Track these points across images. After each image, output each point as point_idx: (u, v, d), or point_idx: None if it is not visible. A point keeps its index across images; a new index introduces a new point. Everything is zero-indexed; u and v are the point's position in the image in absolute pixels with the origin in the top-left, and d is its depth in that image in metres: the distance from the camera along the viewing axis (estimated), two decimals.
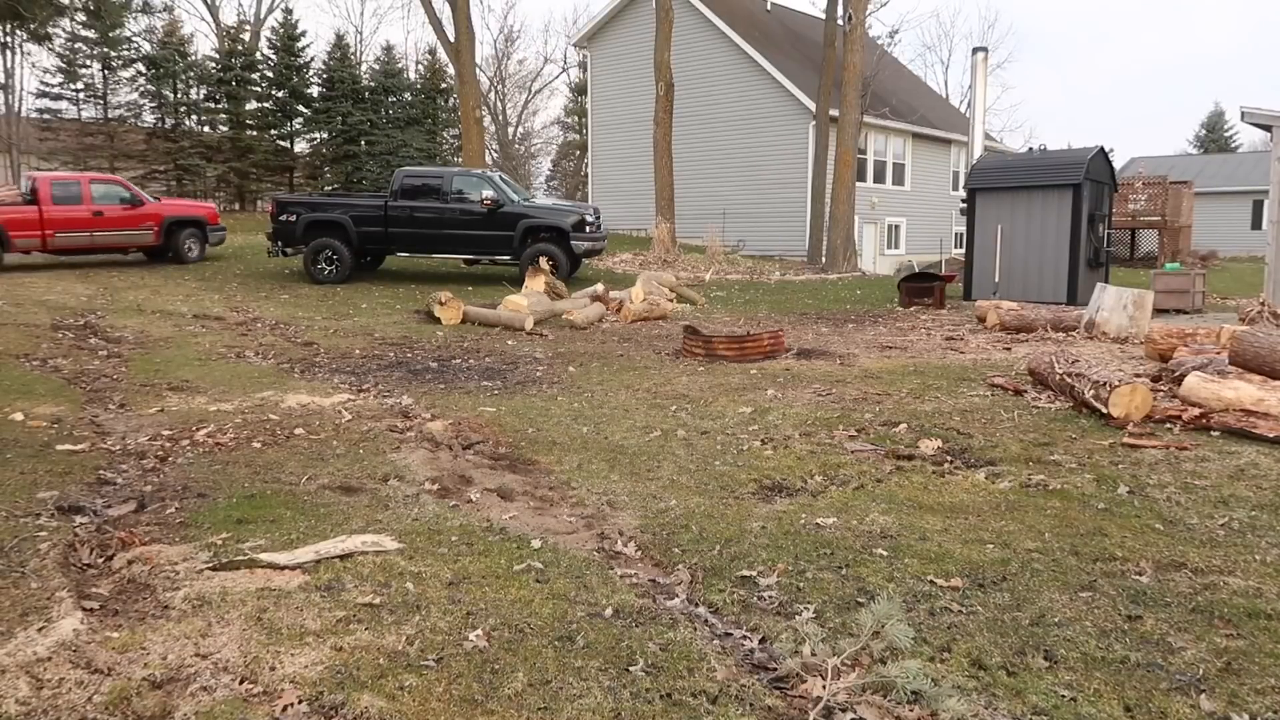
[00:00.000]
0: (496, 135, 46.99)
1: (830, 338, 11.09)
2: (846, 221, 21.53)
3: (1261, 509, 4.47)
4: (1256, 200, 32.97)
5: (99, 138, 29.56)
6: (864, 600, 3.38)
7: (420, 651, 2.96)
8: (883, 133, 26.74)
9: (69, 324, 10.92)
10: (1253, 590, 3.52)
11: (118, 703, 2.63)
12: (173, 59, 30.35)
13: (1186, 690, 2.80)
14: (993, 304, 12.49)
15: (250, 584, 3.43)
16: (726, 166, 25.84)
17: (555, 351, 9.87)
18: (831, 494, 4.81)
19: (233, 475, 5.03)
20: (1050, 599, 3.45)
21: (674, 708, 2.66)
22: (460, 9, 20.82)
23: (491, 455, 5.66)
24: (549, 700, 2.68)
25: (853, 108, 21.16)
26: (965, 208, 15.85)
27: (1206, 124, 51.60)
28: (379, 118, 34.41)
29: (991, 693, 2.78)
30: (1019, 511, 4.47)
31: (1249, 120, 14.11)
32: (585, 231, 15.90)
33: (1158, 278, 14.08)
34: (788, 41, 28.00)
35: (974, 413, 6.64)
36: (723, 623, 3.28)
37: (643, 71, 23.72)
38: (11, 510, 4.33)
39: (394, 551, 3.82)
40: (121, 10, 28.53)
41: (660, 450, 5.70)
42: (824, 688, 2.77)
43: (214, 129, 32.72)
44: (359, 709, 2.60)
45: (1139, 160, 37.92)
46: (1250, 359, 6.72)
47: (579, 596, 3.42)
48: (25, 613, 3.21)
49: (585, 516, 4.48)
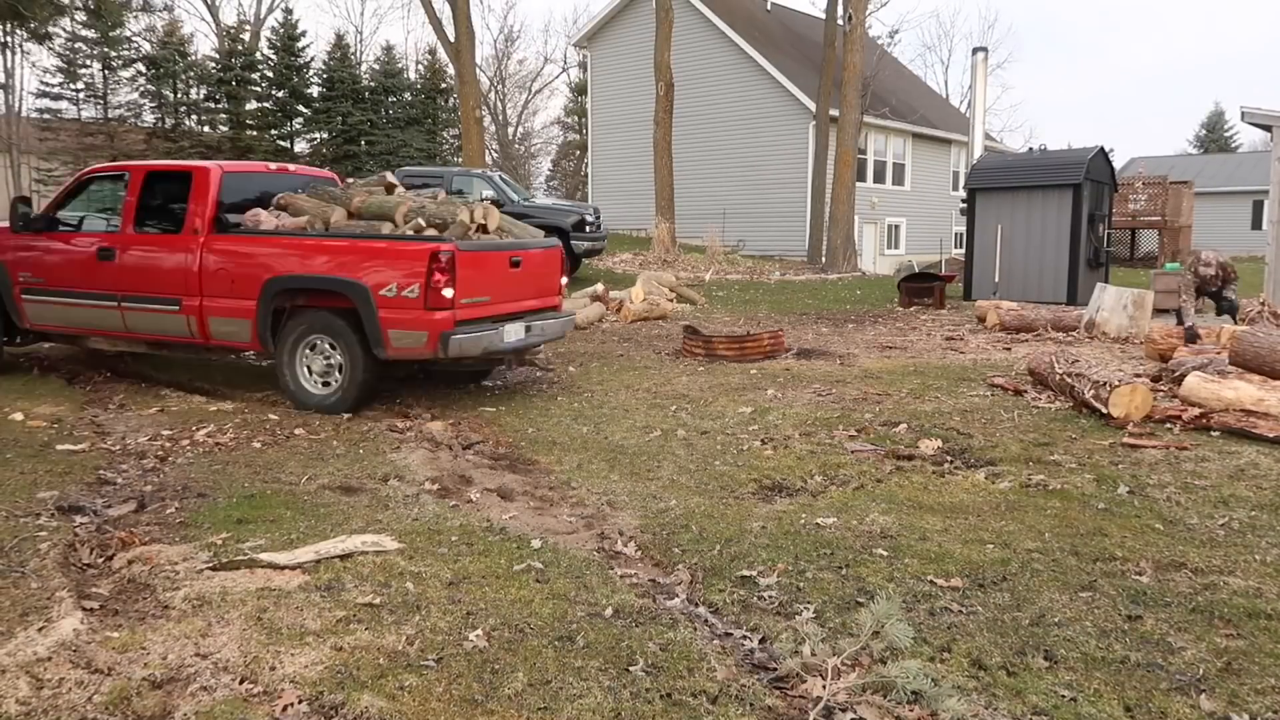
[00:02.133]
0: (496, 135, 47.00)
1: (830, 338, 11.09)
2: (846, 221, 21.53)
3: (1261, 509, 4.47)
4: (1256, 200, 32.95)
5: (99, 138, 29.55)
6: (864, 600, 3.38)
7: (420, 651, 2.96)
8: (883, 133, 26.74)
9: None
10: (1253, 590, 3.52)
11: (118, 703, 2.63)
12: (173, 59, 30.34)
13: (1186, 690, 2.80)
14: (993, 304, 12.49)
15: (250, 584, 3.43)
16: (726, 166, 25.83)
17: (555, 351, 9.87)
18: (831, 494, 4.81)
19: (233, 475, 5.03)
20: (1050, 599, 3.45)
21: (674, 708, 2.66)
22: (460, 9, 20.81)
23: (491, 455, 5.66)
24: (549, 700, 2.68)
25: (853, 108, 21.14)
26: (965, 208, 15.85)
27: (1206, 124, 51.62)
28: (379, 118, 34.40)
29: (991, 693, 2.78)
30: (1019, 511, 4.47)
31: (1249, 120, 14.11)
32: (585, 231, 15.90)
33: (1158, 278, 14.06)
34: (788, 41, 28.00)
35: (974, 413, 6.64)
36: (723, 623, 3.28)
37: (643, 71, 23.70)
38: (12, 510, 4.33)
39: (394, 551, 3.82)
40: (121, 10, 28.54)
41: (660, 450, 5.70)
42: (824, 688, 2.77)
43: (214, 129, 32.70)
44: (359, 709, 2.60)
45: (1139, 160, 37.90)
46: (1250, 359, 6.72)
47: (579, 596, 3.42)
48: (25, 613, 3.21)
49: (585, 516, 4.48)
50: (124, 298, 7.22)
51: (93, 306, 7.38)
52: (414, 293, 6.21)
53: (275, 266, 6.62)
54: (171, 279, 7.00)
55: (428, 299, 6.21)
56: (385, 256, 6.39)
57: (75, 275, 7.42)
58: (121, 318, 7.31)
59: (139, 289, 7.15)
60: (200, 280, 6.89)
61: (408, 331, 6.30)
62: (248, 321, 6.75)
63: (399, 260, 6.31)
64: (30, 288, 7.66)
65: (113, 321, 7.37)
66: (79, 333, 7.77)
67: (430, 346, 6.31)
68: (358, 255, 6.47)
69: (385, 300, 6.27)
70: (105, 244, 7.30)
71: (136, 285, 7.15)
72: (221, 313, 6.87)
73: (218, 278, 6.83)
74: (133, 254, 7.20)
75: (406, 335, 6.31)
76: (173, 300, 7.01)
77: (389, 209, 7.03)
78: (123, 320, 7.32)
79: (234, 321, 6.84)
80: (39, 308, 7.68)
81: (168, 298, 7.04)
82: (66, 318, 7.59)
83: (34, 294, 7.65)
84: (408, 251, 6.33)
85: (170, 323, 7.10)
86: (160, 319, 7.14)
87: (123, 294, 7.22)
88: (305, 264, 6.57)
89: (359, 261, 6.42)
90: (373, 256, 6.42)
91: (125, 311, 7.27)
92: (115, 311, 7.30)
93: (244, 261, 6.76)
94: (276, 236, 6.82)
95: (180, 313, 7.00)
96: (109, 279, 7.25)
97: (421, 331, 6.28)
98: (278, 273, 6.61)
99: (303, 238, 6.75)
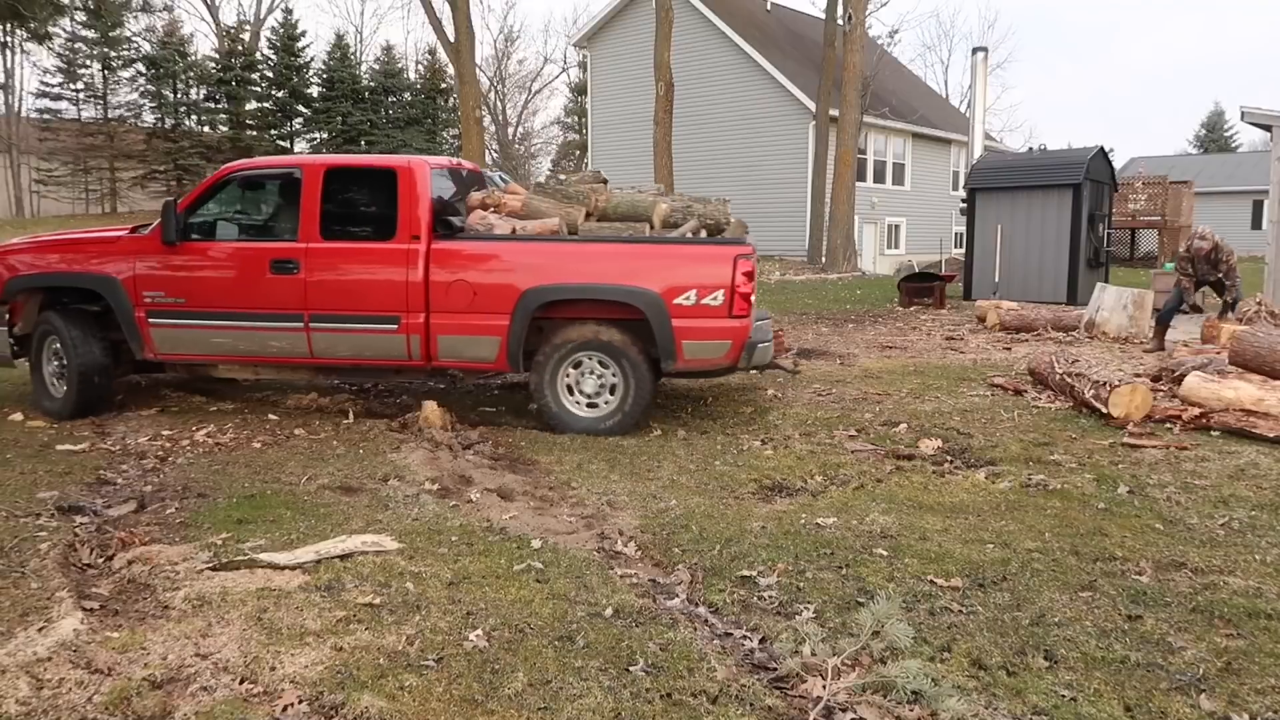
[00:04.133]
0: (496, 135, 47.00)
1: (830, 337, 11.09)
2: (846, 221, 21.53)
3: (1261, 509, 4.48)
4: (1256, 200, 32.98)
5: (99, 138, 29.59)
6: (864, 600, 3.38)
7: (420, 651, 2.96)
8: (883, 133, 26.75)
9: None
10: (1253, 590, 3.52)
11: (118, 703, 2.63)
12: (173, 59, 30.38)
13: (1186, 690, 2.80)
14: (993, 304, 12.50)
15: (250, 584, 3.43)
16: (726, 166, 25.83)
17: None
18: (831, 494, 4.81)
19: (233, 475, 5.03)
20: (1050, 599, 3.45)
21: (674, 707, 2.66)
22: (460, 9, 20.81)
23: (491, 455, 5.66)
24: (549, 700, 2.68)
25: (853, 108, 21.15)
26: (965, 208, 15.86)
27: (1206, 124, 51.65)
28: (379, 118, 34.45)
29: (991, 693, 2.78)
30: (1019, 511, 4.47)
31: (1249, 120, 14.10)
32: None
33: (1158, 278, 14.05)
34: (788, 41, 28.00)
35: (974, 412, 6.64)
36: (723, 623, 3.28)
37: (643, 71, 23.72)
38: (12, 510, 4.33)
39: (394, 551, 3.82)
40: (121, 10, 28.56)
41: (660, 450, 5.70)
42: (824, 688, 2.77)
43: (214, 129, 32.75)
44: (359, 709, 2.60)
45: (1139, 160, 37.92)
46: (1250, 359, 6.73)
47: (579, 596, 3.42)
48: (25, 613, 3.21)
49: (585, 516, 4.48)
50: (314, 317, 6.09)
51: (265, 329, 6.19)
52: (716, 300, 5.75)
53: (534, 276, 5.86)
54: (385, 294, 6.00)
55: (732, 306, 5.76)
56: (682, 262, 5.86)
57: (238, 293, 6.17)
58: (308, 341, 6.15)
59: (336, 307, 6.05)
60: (426, 294, 5.96)
61: (707, 342, 5.84)
62: (495, 339, 5.93)
63: (700, 265, 5.81)
64: (162, 309, 6.28)
65: (292, 346, 6.20)
66: (228, 360, 6.48)
67: (731, 356, 5.90)
68: (648, 261, 5.87)
69: (681, 309, 5.75)
70: (281, 255, 6.09)
71: (333, 303, 6.05)
72: (457, 330, 5.98)
73: (453, 291, 5.92)
74: (324, 266, 6.05)
75: (705, 346, 5.85)
76: (388, 318, 6.01)
77: (643, 209, 6.46)
78: (308, 344, 6.16)
79: (475, 340, 5.99)
80: (174, 333, 6.32)
81: (381, 315, 6.02)
82: (218, 344, 6.32)
83: (168, 317, 6.28)
84: (710, 256, 5.84)
85: (381, 344, 6.09)
86: (367, 340, 6.11)
87: (312, 313, 6.09)
88: (577, 272, 5.89)
89: (650, 268, 5.82)
90: (666, 262, 5.87)
91: (314, 333, 6.12)
92: (299, 334, 6.14)
93: (490, 271, 5.96)
94: (535, 242, 6.02)
95: (398, 332, 6.01)
96: (290, 296, 6.08)
97: (724, 341, 5.85)
98: (539, 283, 5.83)
99: (572, 243, 6.07)
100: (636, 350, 5.91)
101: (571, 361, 6.00)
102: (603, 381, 6.03)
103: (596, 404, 6.06)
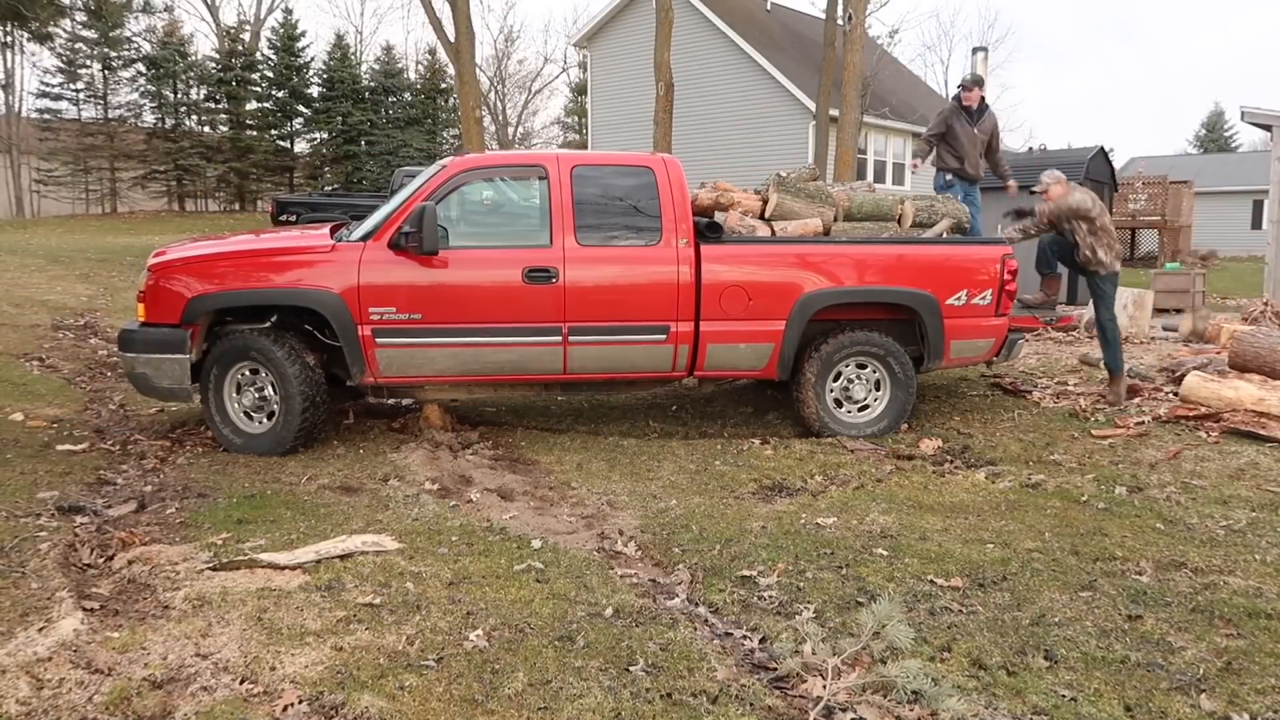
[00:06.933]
0: (496, 135, 47.00)
1: None
2: None
3: (1262, 509, 4.48)
4: (1256, 200, 32.94)
5: (99, 138, 29.57)
6: (864, 600, 3.39)
7: (420, 651, 2.96)
8: (883, 133, 26.75)
9: (69, 324, 10.92)
10: (1253, 590, 3.52)
11: (118, 703, 2.63)
12: (173, 59, 30.34)
13: (1186, 690, 2.80)
14: None
15: (250, 584, 3.43)
16: (726, 166, 25.78)
17: None
18: (831, 494, 4.81)
19: (233, 475, 5.03)
20: (1050, 599, 3.45)
21: (674, 707, 2.66)
22: (460, 9, 20.81)
23: (491, 455, 5.66)
24: (549, 700, 2.68)
25: (853, 108, 21.15)
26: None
27: (1206, 124, 51.60)
28: (379, 118, 34.39)
29: (991, 692, 2.78)
30: (1019, 511, 4.48)
31: (1249, 120, 14.10)
32: None
33: (1158, 278, 14.08)
34: (788, 41, 28.01)
35: (974, 412, 6.64)
36: (723, 622, 3.28)
37: (643, 71, 23.71)
38: (12, 510, 4.33)
39: (394, 551, 3.82)
40: (121, 10, 28.56)
41: (660, 450, 5.70)
42: (824, 687, 2.77)
43: (214, 129, 32.71)
44: (359, 709, 2.60)
45: (1139, 160, 37.89)
46: (1250, 359, 6.73)
47: (579, 596, 3.42)
48: (25, 613, 3.21)
49: (585, 516, 4.49)
50: (573, 330, 5.60)
51: (518, 346, 5.61)
52: (985, 299, 5.91)
53: (810, 280, 5.77)
54: (652, 302, 5.64)
55: (999, 305, 5.97)
56: (955, 263, 5.97)
57: (487, 306, 5.55)
58: (564, 356, 5.65)
59: (599, 317, 5.61)
60: (698, 301, 5.68)
61: (974, 340, 6.01)
62: (768, 346, 5.77)
63: (972, 265, 5.95)
64: (394, 327, 5.47)
65: (545, 363, 5.67)
66: (459, 381, 5.82)
67: (992, 352, 6.14)
68: (923, 262, 5.94)
69: (952, 309, 5.89)
70: (536, 263, 5.52)
71: (595, 313, 5.61)
72: (730, 338, 5.75)
73: (729, 297, 5.68)
74: (583, 274, 5.57)
75: (971, 344, 6.02)
76: (657, 328, 5.66)
77: (886, 208, 6.65)
78: (564, 359, 5.66)
79: (748, 348, 5.78)
80: (409, 354, 5.55)
81: (648, 325, 5.66)
82: (453, 364, 5.63)
83: (402, 336, 5.50)
84: (980, 256, 5.98)
85: (645, 355, 5.74)
86: (630, 352, 5.73)
87: (571, 325, 5.60)
88: (856, 276, 5.85)
89: (925, 269, 5.90)
90: (941, 263, 5.96)
91: (571, 348, 5.62)
92: (556, 349, 5.62)
93: (767, 276, 5.79)
94: (808, 245, 5.99)
95: (666, 342, 5.68)
96: (547, 308, 5.55)
97: (988, 339, 6.04)
98: (815, 287, 5.75)
99: (843, 245, 6.04)
100: (902, 351, 5.96)
101: (843, 364, 5.97)
102: (865, 384, 6.05)
103: (867, 406, 6.07)
